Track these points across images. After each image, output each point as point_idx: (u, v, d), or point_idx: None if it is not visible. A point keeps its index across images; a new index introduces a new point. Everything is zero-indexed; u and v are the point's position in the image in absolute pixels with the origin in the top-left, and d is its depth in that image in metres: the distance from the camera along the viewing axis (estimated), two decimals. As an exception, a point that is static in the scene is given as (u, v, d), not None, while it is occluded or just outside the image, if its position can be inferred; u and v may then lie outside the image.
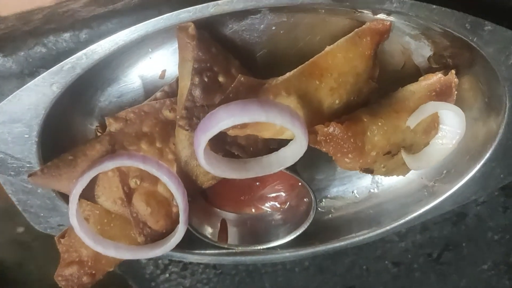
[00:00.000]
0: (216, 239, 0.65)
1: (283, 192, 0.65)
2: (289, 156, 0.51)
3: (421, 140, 0.55)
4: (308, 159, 0.53)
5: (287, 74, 0.49)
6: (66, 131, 0.56)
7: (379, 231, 0.64)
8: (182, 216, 0.52)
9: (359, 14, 0.50)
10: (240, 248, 0.66)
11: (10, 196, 0.57)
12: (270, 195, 0.66)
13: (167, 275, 0.78)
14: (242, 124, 0.46)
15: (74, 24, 0.53)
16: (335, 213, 0.67)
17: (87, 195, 0.52)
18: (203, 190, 0.56)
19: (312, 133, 0.50)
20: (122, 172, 0.52)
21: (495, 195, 0.71)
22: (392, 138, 0.52)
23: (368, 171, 0.53)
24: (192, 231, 0.62)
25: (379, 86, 0.54)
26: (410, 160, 0.54)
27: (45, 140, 0.53)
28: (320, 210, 0.67)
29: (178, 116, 0.50)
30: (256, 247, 0.66)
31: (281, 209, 0.67)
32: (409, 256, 0.79)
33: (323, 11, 0.51)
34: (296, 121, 0.46)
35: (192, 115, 0.49)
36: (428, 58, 0.55)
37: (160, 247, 0.53)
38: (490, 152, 0.57)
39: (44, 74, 0.48)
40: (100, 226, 0.56)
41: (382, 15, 0.50)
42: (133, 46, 0.49)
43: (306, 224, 0.63)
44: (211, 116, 0.46)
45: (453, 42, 0.52)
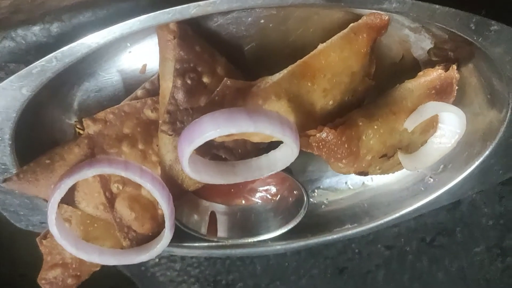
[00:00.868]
0: (205, 232, 0.63)
1: (273, 186, 0.63)
2: (279, 159, 0.48)
3: (418, 139, 0.52)
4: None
5: (277, 76, 0.45)
6: (43, 128, 0.53)
7: (373, 225, 0.62)
8: (168, 222, 0.50)
9: (355, 7, 0.46)
10: (230, 241, 0.64)
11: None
12: (260, 188, 0.64)
13: (157, 259, 0.77)
14: (229, 131, 0.43)
15: (44, 15, 0.48)
16: (328, 204, 0.65)
17: (66, 200, 0.50)
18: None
19: (304, 136, 0.47)
20: (103, 177, 0.49)
21: (491, 183, 0.69)
22: (389, 140, 0.49)
23: (362, 174, 0.51)
24: (180, 226, 0.60)
25: (376, 82, 0.50)
26: (406, 161, 0.51)
27: (20, 140, 0.50)
28: (312, 201, 0.65)
29: (160, 121, 0.46)
30: (246, 240, 0.64)
31: (272, 200, 0.65)
32: (402, 240, 0.77)
33: (316, 3, 0.46)
34: (287, 129, 0.43)
35: (176, 120, 0.46)
36: (428, 51, 0.51)
37: (146, 253, 0.51)
38: (490, 149, 0.54)
39: (12, 78, 0.44)
40: (83, 227, 0.54)
41: (380, 7, 0.45)
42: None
43: (297, 219, 0.61)
44: (196, 125, 0.42)
45: (455, 35, 0.48)
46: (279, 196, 0.64)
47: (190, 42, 0.45)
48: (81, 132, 0.52)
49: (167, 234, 0.50)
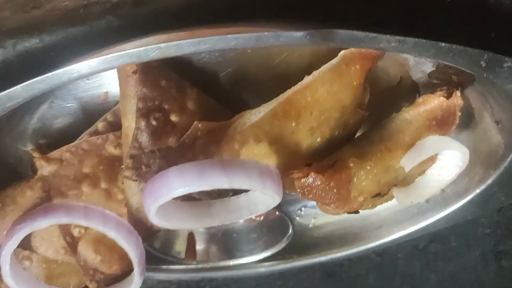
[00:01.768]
0: (183, 256, 0.59)
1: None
2: (261, 201, 0.43)
3: (415, 170, 0.47)
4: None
5: (256, 116, 0.39)
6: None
7: (362, 248, 0.58)
8: (137, 268, 0.45)
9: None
10: (210, 264, 0.60)
11: None
12: (242, 209, 0.59)
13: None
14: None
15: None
16: (315, 224, 0.61)
17: (22, 245, 0.44)
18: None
19: (287, 176, 0.42)
20: (62, 221, 0.44)
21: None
22: (383, 179, 0.44)
23: (353, 212, 0.46)
24: (154, 252, 0.56)
25: (369, 110, 0.44)
26: (401, 196, 0.46)
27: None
28: (298, 220, 0.61)
29: (123, 166, 0.41)
30: (228, 263, 0.60)
31: (255, 220, 0.60)
32: (393, 247, 0.74)
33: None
34: (268, 180, 0.38)
35: (140, 164, 0.40)
36: (430, 74, 0.45)
37: (115, 297, 0.47)
38: (493, 177, 0.49)
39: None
40: (46, 265, 0.49)
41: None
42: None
43: (281, 244, 0.56)
44: (162, 179, 0.37)
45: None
46: (262, 216, 0.59)
47: (154, 76, 0.39)
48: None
49: (136, 281, 0.46)
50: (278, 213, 0.55)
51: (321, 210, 0.44)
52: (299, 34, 0.32)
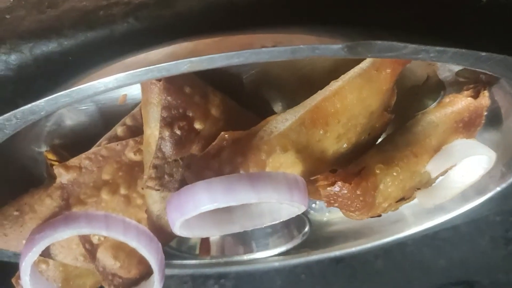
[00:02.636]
0: (197, 251, 0.58)
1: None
2: (284, 210, 0.42)
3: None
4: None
5: (283, 125, 0.38)
6: (9, 162, 0.45)
7: (378, 243, 0.58)
8: (157, 275, 0.44)
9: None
10: (224, 259, 0.59)
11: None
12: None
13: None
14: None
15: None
16: (330, 218, 0.60)
17: (42, 253, 0.43)
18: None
19: (312, 183, 0.41)
20: (82, 228, 0.43)
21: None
22: (409, 184, 0.43)
23: (376, 216, 0.45)
24: (169, 250, 0.55)
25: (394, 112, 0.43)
26: (424, 199, 0.46)
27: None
28: (313, 214, 0.60)
29: (145, 176, 0.39)
30: (241, 257, 0.59)
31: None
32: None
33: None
34: (295, 192, 0.37)
35: (163, 174, 0.39)
36: (457, 72, 0.44)
37: (132, 304, 0.46)
38: (516, 176, 0.49)
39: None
40: (63, 268, 0.48)
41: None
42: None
43: (297, 239, 0.56)
44: (189, 193, 0.35)
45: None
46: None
47: (178, 83, 0.37)
48: (53, 163, 0.45)
49: (156, 287, 0.45)
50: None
51: (345, 216, 0.43)
52: (337, 46, 0.30)
